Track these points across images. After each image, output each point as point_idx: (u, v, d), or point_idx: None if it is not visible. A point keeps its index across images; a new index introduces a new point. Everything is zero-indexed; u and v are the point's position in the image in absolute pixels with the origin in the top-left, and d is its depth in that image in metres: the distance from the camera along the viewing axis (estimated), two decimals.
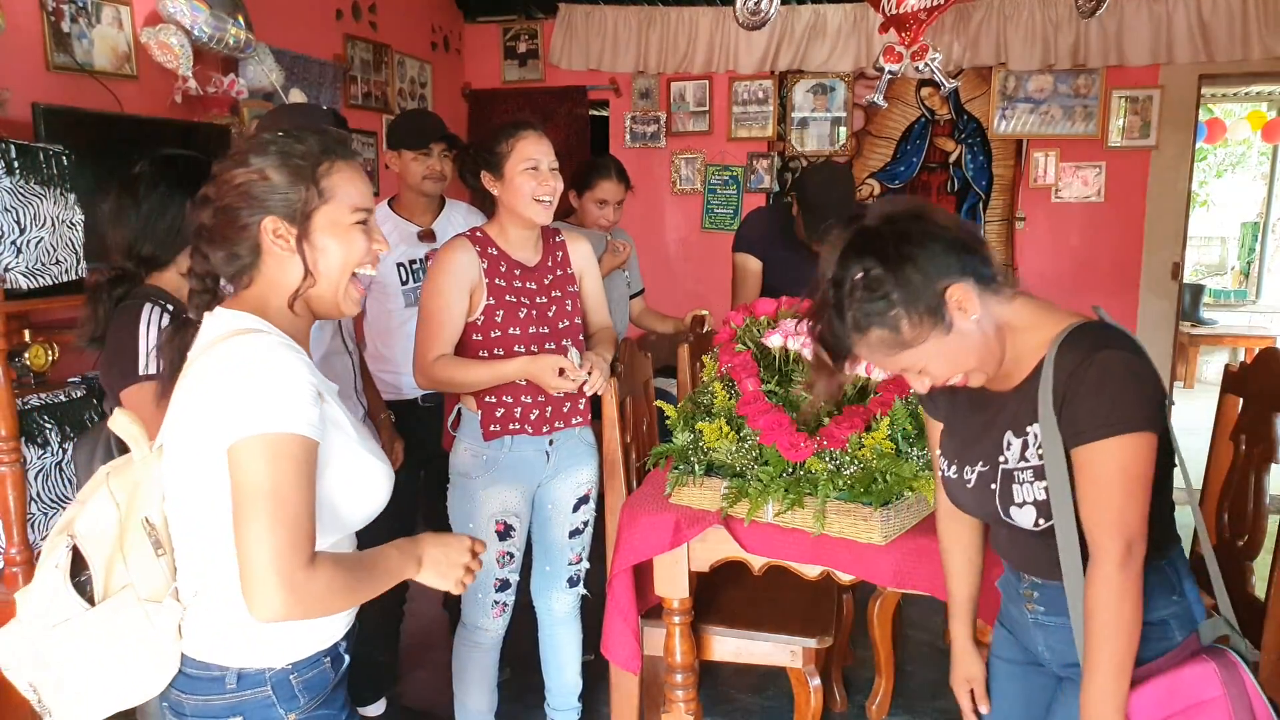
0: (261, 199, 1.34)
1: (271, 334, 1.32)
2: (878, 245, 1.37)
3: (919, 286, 1.35)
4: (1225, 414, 2.49)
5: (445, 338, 2.31)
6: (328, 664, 1.41)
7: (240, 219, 1.35)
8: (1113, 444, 1.34)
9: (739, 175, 6.05)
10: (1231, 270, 10.27)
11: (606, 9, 5.87)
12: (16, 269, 2.36)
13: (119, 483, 1.38)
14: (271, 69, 3.85)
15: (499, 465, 2.39)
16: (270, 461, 1.22)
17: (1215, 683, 1.38)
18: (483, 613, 2.47)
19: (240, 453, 1.23)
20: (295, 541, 1.22)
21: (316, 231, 1.37)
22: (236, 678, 1.33)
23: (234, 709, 1.34)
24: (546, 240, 2.48)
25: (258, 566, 1.20)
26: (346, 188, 1.39)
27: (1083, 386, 1.36)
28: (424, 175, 2.95)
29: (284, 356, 1.28)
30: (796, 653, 2.42)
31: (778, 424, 2.04)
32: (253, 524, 1.21)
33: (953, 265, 1.37)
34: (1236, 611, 2.35)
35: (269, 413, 1.23)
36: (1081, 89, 5.53)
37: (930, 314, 1.36)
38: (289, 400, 1.24)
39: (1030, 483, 1.45)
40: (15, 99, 2.79)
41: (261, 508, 1.21)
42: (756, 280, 3.39)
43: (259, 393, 1.24)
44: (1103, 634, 1.37)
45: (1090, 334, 1.39)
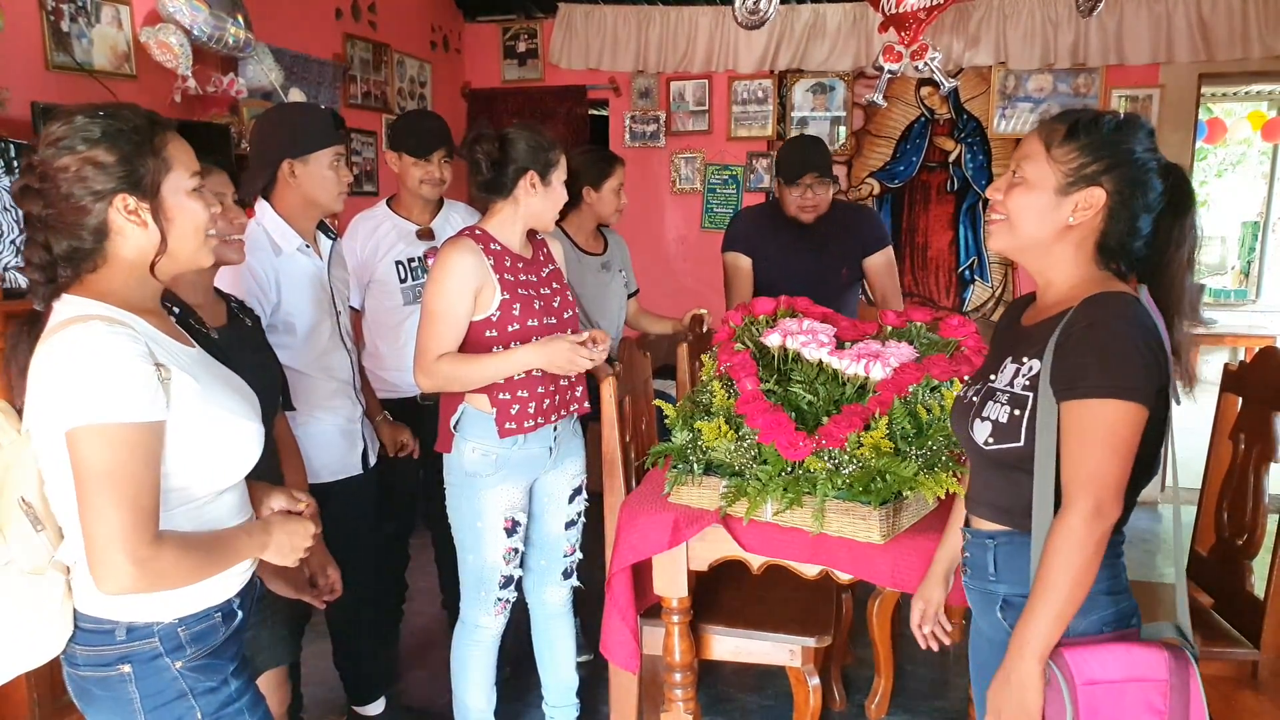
0: (103, 180, 1.35)
1: (107, 319, 1.34)
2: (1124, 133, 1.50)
3: (1100, 163, 1.47)
4: (1225, 413, 2.49)
5: (450, 338, 2.30)
6: (218, 619, 1.48)
7: (83, 204, 1.35)
8: (1107, 405, 1.38)
9: (739, 175, 6.05)
10: (1231, 270, 10.26)
11: (606, 8, 5.87)
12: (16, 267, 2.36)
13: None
14: (271, 68, 3.85)
15: (509, 464, 2.38)
16: (103, 448, 1.28)
17: (1163, 667, 1.40)
18: (484, 610, 2.47)
19: (75, 440, 1.28)
20: (137, 520, 1.29)
21: (166, 200, 1.40)
22: (126, 630, 1.40)
23: (123, 658, 1.41)
24: (530, 237, 2.49)
25: (101, 545, 1.28)
26: (182, 155, 1.43)
27: (1087, 343, 1.41)
28: (422, 179, 2.95)
29: (112, 344, 1.30)
30: (795, 652, 2.42)
31: (776, 423, 2.03)
32: (93, 505, 1.28)
33: (1135, 195, 1.48)
34: (1236, 610, 2.36)
35: (98, 402, 1.28)
36: (1081, 88, 5.52)
37: (1072, 175, 1.48)
38: (117, 389, 1.28)
39: (1002, 405, 1.52)
40: (15, 98, 2.79)
41: (99, 490, 1.28)
42: (748, 278, 3.39)
43: (87, 383, 1.28)
44: (1049, 579, 1.40)
45: (1116, 301, 1.44)
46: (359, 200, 4.21)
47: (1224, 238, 10.48)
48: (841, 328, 2.43)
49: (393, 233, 2.97)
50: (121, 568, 1.28)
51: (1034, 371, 1.49)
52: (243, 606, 1.55)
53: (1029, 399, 1.48)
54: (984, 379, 1.60)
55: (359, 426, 2.61)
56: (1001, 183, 1.58)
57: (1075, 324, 1.43)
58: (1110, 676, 1.40)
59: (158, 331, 1.42)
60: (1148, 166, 1.48)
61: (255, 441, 1.51)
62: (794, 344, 2.27)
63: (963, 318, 2.45)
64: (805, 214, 3.26)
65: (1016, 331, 1.62)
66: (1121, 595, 1.52)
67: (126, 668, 1.41)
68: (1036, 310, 1.60)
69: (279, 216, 2.43)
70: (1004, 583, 1.56)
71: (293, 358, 2.42)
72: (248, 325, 2.09)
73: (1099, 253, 1.52)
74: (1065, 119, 1.51)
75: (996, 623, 1.58)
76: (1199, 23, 5.18)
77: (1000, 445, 1.51)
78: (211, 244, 1.51)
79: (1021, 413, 1.48)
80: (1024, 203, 1.52)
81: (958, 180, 5.80)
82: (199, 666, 1.46)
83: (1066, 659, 1.41)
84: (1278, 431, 2.28)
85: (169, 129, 1.43)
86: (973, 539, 1.63)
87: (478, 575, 2.45)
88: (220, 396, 1.46)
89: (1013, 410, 1.50)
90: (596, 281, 3.27)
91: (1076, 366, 1.41)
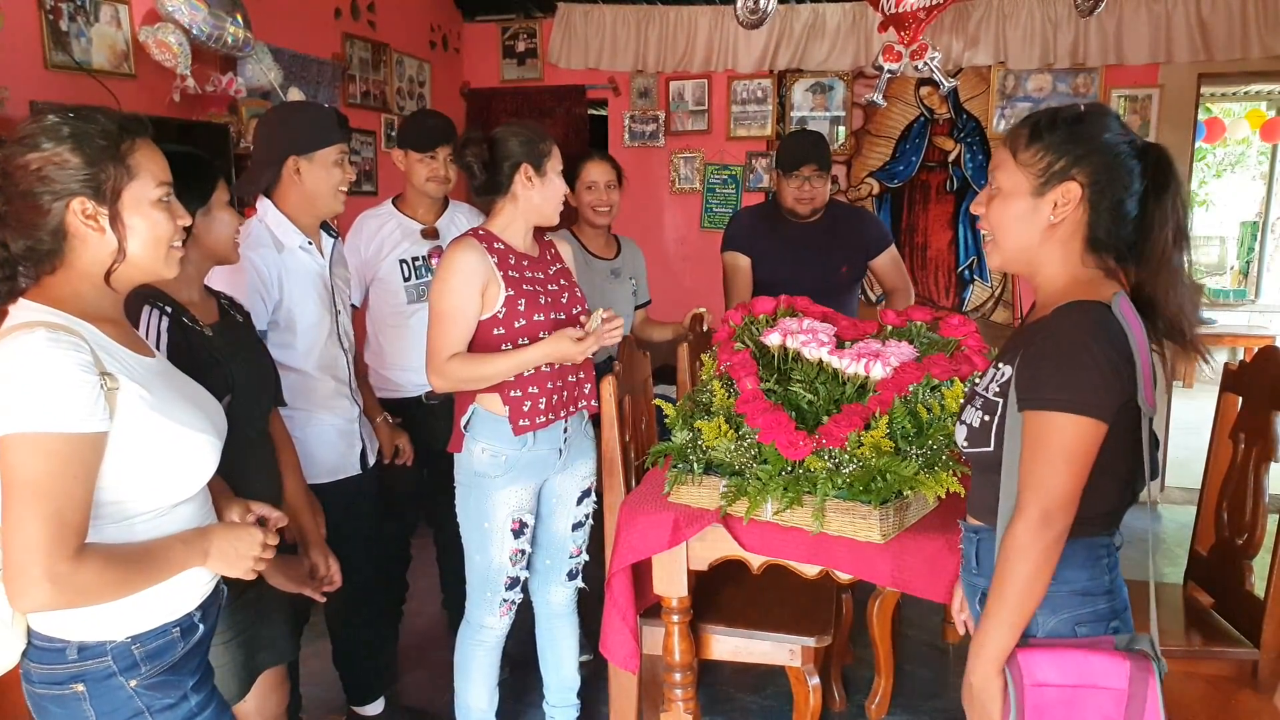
0: (63, 181, 1.33)
1: (52, 325, 1.31)
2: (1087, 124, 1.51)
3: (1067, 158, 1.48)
4: (1224, 413, 2.49)
5: (459, 338, 2.30)
6: (176, 634, 1.46)
7: (41, 203, 1.34)
8: (1059, 419, 1.40)
9: (738, 174, 6.04)
10: (1230, 270, 10.26)
11: (605, 8, 5.87)
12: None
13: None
14: (270, 68, 3.85)
15: (518, 465, 2.38)
16: (32, 457, 1.25)
17: (1122, 677, 1.41)
18: (490, 611, 2.47)
19: (4, 449, 1.25)
20: (57, 534, 1.24)
21: (126, 209, 1.38)
22: (77, 650, 1.37)
23: (76, 677, 1.38)
24: (537, 237, 2.49)
25: (16, 559, 1.24)
26: (150, 165, 1.41)
27: (1047, 354, 1.43)
28: (428, 177, 2.97)
29: (52, 352, 1.27)
30: (795, 652, 2.42)
31: (776, 423, 2.03)
32: (13, 516, 1.25)
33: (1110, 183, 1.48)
34: (1236, 610, 2.36)
35: (31, 411, 1.25)
36: (1080, 88, 5.52)
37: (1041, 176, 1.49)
38: (52, 398, 1.25)
39: (977, 409, 1.55)
40: (13, 97, 2.79)
41: (22, 500, 1.24)
42: (747, 277, 3.39)
43: (22, 391, 1.25)
44: (999, 586, 1.44)
45: (1082, 312, 1.44)
46: (358, 200, 4.21)
47: (1223, 238, 10.49)
48: (841, 327, 2.43)
49: (397, 231, 2.98)
50: (36, 583, 1.23)
51: (1005, 377, 1.51)
52: (204, 619, 1.52)
53: (999, 405, 1.50)
54: (974, 380, 1.64)
55: (357, 426, 2.60)
56: (982, 197, 1.59)
57: (1040, 333, 1.46)
58: (1062, 681, 1.41)
59: (111, 341, 1.39)
60: (1118, 150, 1.48)
61: (208, 456, 1.48)
62: (794, 343, 2.27)
63: (963, 317, 2.45)
64: (801, 205, 3.26)
65: (1014, 334, 1.64)
66: (1100, 597, 1.52)
67: (80, 687, 1.38)
68: (1033, 313, 1.61)
69: (281, 214, 2.43)
70: (984, 576, 1.59)
71: (292, 356, 2.42)
72: (239, 322, 2.09)
73: (1090, 247, 1.52)
74: (1026, 123, 1.53)
75: (977, 614, 1.60)
76: (1198, 23, 5.18)
77: (973, 449, 1.55)
78: (176, 256, 1.48)
79: (992, 418, 1.51)
80: (1002, 213, 1.54)
81: (957, 180, 5.80)
82: (156, 684, 1.43)
83: (1018, 659, 1.43)
84: (1277, 431, 2.28)
85: (140, 136, 1.41)
86: (964, 533, 1.67)
87: (484, 576, 2.44)
88: (175, 409, 1.43)
89: (984, 415, 1.53)
90: (606, 287, 3.27)
91: (1036, 377, 1.43)
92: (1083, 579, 1.50)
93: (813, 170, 3.23)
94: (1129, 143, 1.50)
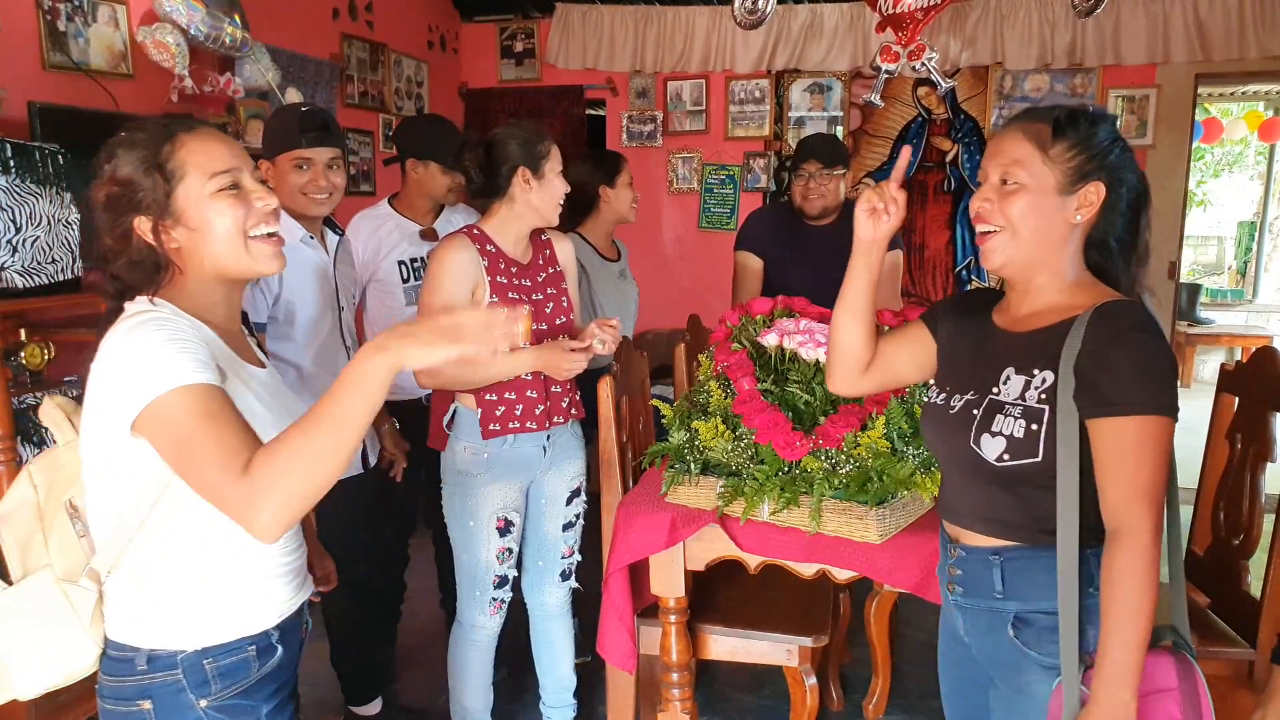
0: (125, 201, 1.33)
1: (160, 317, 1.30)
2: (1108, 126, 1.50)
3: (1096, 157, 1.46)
4: (1221, 413, 2.49)
5: None
6: (252, 652, 1.39)
7: (120, 227, 1.33)
8: (1158, 423, 1.37)
9: (736, 175, 6.05)
10: (1228, 270, 10.28)
11: (603, 8, 5.87)
12: (12, 268, 2.36)
13: (40, 466, 1.41)
14: (268, 68, 3.85)
15: (500, 463, 2.39)
16: (167, 420, 1.21)
17: (1172, 675, 1.39)
18: (480, 610, 2.47)
19: (142, 427, 1.23)
20: (223, 465, 1.18)
21: (185, 214, 1.34)
22: (147, 659, 1.32)
23: (143, 691, 1.32)
24: (534, 239, 2.48)
25: (220, 502, 1.19)
26: (197, 159, 1.34)
27: (1119, 359, 1.38)
28: (449, 188, 2.98)
29: (158, 329, 1.26)
30: (793, 652, 2.42)
31: (773, 423, 2.03)
32: (188, 477, 1.22)
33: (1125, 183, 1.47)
34: (1232, 610, 2.36)
35: (158, 377, 1.22)
36: (1078, 88, 5.53)
37: (1072, 174, 1.46)
38: (158, 365, 1.23)
39: (1016, 419, 1.46)
40: (11, 98, 2.79)
41: (184, 459, 1.21)
42: (758, 279, 3.39)
43: (141, 364, 1.23)
44: (1130, 604, 1.34)
45: (1135, 311, 1.42)
46: (357, 200, 4.21)
47: (1220, 238, 10.50)
48: None
49: (395, 232, 2.98)
50: (246, 514, 1.17)
51: (1048, 384, 1.44)
52: (284, 643, 1.44)
53: (1045, 413, 1.43)
54: (980, 390, 1.52)
55: None
56: (990, 192, 1.51)
57: (1097, 338, 1.40)
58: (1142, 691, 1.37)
59: (222, 344, 1.37)
60: (1128, 156, 1.48)
61: None
62: (791, 344, 2.27)
63: None
64: (808, 204, 3.25)
65: (1004, 338, 1.56)
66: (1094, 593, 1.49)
67: (147, 704, 1.32)
68: (1019, 314, 1.55)
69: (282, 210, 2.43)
70: (1014, 599, 1.49)
71: (292, 351, 2.42)
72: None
73: (1084, 249, 1.51)
74: (1043, 117, 1.48)
75: (1005, 642, 1.51)
76: (1196, 23, 5.19)
77: (1016, 461, 1.45)
78: (263, 246, 1.39)
79: (1039, 427, 1.43)
80: (1025, 209, 1.47)
81: (954, 180, 5.80)
82: (227, 706, 1.36)
83: None
84: (1274, 431, 2.28)
85: (178, 134, 1.35)
86: (967, 556, 1.56)
87: (472, 575, 2.45)
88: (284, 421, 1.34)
89: (1028, 424, 1.44)
90: (616, 289, 3.27)
91: (1110, 383, 1.37)
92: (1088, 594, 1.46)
93: (816, 167, 3.21)
94: (1129, 151, 1.50)
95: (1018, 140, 1.49)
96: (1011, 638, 1.50)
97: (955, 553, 1.59)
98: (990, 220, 1.51)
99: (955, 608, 1.61)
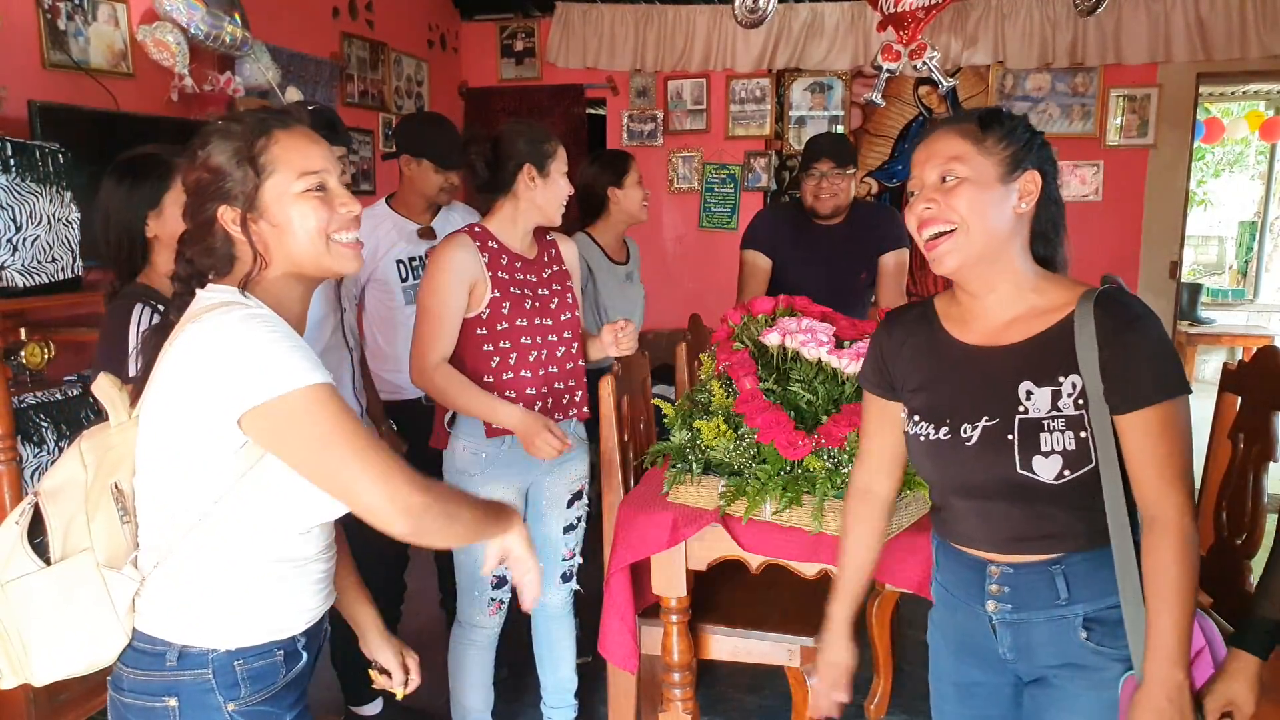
0: (212, 189, 1.33)
1: (246, 308, 1.29)
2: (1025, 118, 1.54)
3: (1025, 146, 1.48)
4: (1223, 413, 2.48)
5: (445, 335, 2.30)
6: (280, 657, 1.38)
7: (204, 214, 1.34)
8: (1180, 404, 1.39)
9: (736, 174, 6.05)
10: (1229, 269, 10.27)
11: (604, 7, 5.87)
12: (13, 267, 2.36)
13: (90, 445, 1.37)
14: (268, 67, 3.84)
15: (499, 462, 2.39)
16: (299, 417, 1.23)
17: (1200, 636, 1.44)
18: (479, 610, 2.47)
19: (256, 423, 1.23)
20: (386, 469, 1.25)
21: (269, 209, 1.34)
22: (178, 655, 1.30)
23: (171, 689, 1.31)
24: (539, 237, 2.48)
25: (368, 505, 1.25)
26: (289, 156, 1.35)
27: (1134, 350, 1.39)
28: (442, 187, 2.97)
29: (254, 325, 1.25)
30: (794, 652, 2.41)
31: (775, 422, 2.03)
32: (324, 470, 1.24)
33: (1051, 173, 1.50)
34: (1235, 609, 2.36)
35: (263, 379, 1.22)
36: (1079, 87, 5.53)
37: (1008, 163, 1.46)
38: (280, 361, 1.23)
39: (1062, 431, 1.42)
40: (11, 97, 2.79)
41: (324, 455, 1.24)
42: (764, 278, 3.37)
43: (241, 363, 1.22)
44: (1180, 587, 1.38)
45: (1126, 299, 1.43)
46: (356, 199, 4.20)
47: (1222, 238, 10.50)
48: (841, 327, 2.42)
49: (393, 231, 2.98)
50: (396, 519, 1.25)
51: (1079, 389, 1.42)
52: (308, 649, 1.44)
53: (1083, 418, 1.42)
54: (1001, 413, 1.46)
55: None
56: (931, 193, 1.48)
57: (1108, 333, 1.39)
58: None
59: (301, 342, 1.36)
60: (1047, 147, 1.51)
61: None
62: (793, 343, 2.27)
63: None
64: (819, 204, 3.25)
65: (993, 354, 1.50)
66: None
67: (173, 701, 1.30)
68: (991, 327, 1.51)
69: None
70: (1080, 602, 1.47)
71: None
72: None
73: (1032, 244, 1.52)
74: (965, 118, 1.51)
75: (1076, 645, 1.48)
76: (1197, 22, 5.19)
77: (1076, 473, 1.42)
78: (345, 249, 1.40)
79: (1086, 434, 1.42)
80: (971, 200, 1.44)
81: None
82: (253, 712, 1.34)
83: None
84: (1277, 431, 2.27)
85: (274, 129, 1.35)
86: (1016, 572, 1.50)
87: (470, 575, 2.45)
88: None
89: (1076, 434, 1.42)
90: (622, 292, 3.26)
91: (1135, 378, 1.38)
92: None
93: (828, 166, 3.20)
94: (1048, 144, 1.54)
95: (950, 138, 1.49)
96: (1084, 639, 1.48)
97: (996, 572, 1.53)
98: (938, 220, 1.47)
99: (1001, 626, 1.54)
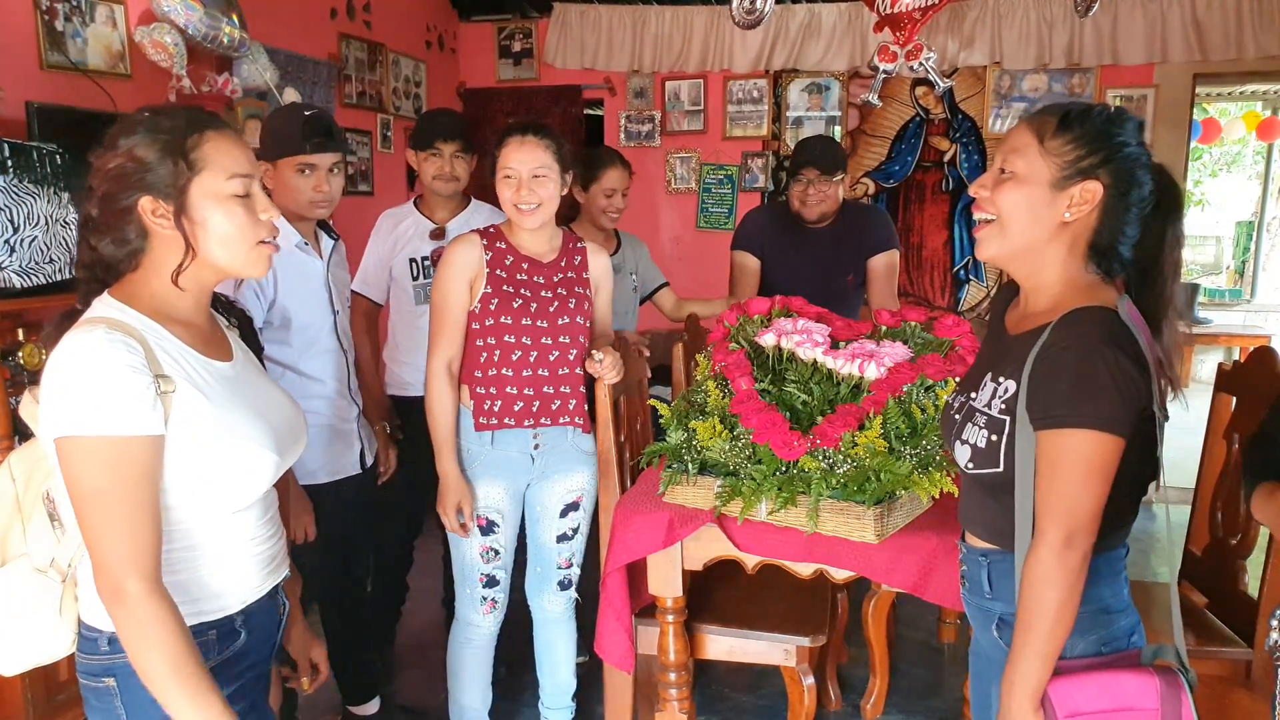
0: (135, 179, 1.33)
1: (112, 323, 1.29)
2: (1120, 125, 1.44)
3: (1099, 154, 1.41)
4: (1218, 413, 2.49)
5: (449, 332, 2.35)
6: (212, 636, 1.40)
7: (120, 203, 1.33)
8: (1079, 436, 1.33)
9: (734, 174, 6.05)
10: (1226, 269, 10.28)
11: (601, 8, 5.87)
12: (10, 268, 2.36)
13: (20, 458, 1.46)
14: (266, 68, 3.85)
15: (484, 461, 2.40)
16: (89, 464, 1.24)
17: (1153, 696, 1.36)
18: (473, 609, 2.48)
19: (63, 451, 1.25)
20: (132, 550, 1.24)
21: (195, 205, 1.35)
22: (108, 641, 1.35)
23: (107, 670, 1.36)
24: (566, 243, 2.48)
25: (106, 566, 1.24)
26: (220, 157, 1.36)
27: (1061, 370, 1.35)
28: (434, 175, 2.97)
29: (104, 352, 1.25)
30: (790, 651, 2.42)
31: (771, 423, 2.03)
32: (91, 529, 1.25)
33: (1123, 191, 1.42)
34: (1230, 609, 2.37)
35: (82, 412, 1.23)
36: (1076, 88, 5.53)
37: (1068, 169, 1.41)
38: (102, 400, 1.24)
39: (980, 428, 1.47)
40: (9, 97, 2.79)
41: (94, 512, 1.24)
42: (754, 278, 3.38)
43: (74, 391, 1.24)
44: (1027, 617, 1.36)
45: (1093, 320, 1.37)
46: (354, 200, 4.21)
47: (1219, 238, 10.50)
48: (836, 327, 2.42)
49: (411, 230, 3.02)
50: (119, 593, 1.24)
51: (1009, 394, 1.43)
52: (249, 628, 1.45)
53: (1005, 423, 1.42)
54: (968, 391, 1.54)
55: (355, 426, 2.60)
56: (987, 179, 1.50)
57: (1051, 347, 1.37)
58: (1096, 707, 1.36)
59: (178, 342, 1.36)
60: (1141, 161, 1.42)
61: (263, 470, 1.42)
62: (789, 344, 2.27)
63: (957, 317, 2.44)
64: (806, 210, 3.25)
65: (1002, 339, 1.55)
66: (1122, 612, 1.48)
67: (111, 680, 1.35)
68: (1021, 315, 1.54)
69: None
70: (999, 600, 1.51)
71: (288, 355, 2.42)
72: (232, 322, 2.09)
73: (1090, 254, 1.46)
74: (1055, 111, 1.45)
75: (993, 641, 1.54)
76: (1193, 23, 5.19)
77: (981, 470, 1.47)
78: (264, 252, 1.42)
79: (999, 438, 1.43)
80: (1015, 199, 1.44)
81: (953, 180, 5.81)
82: None
83: (1049, 692, 1.37)
84: None
85: (207, 129, 1.36)
86: (968, 554, 1.59)
87: (461, 571, 2.47)
88: (234, 417, 1.38)
89: (990, 435, 1.44)
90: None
91: (1051, 394, 1.35)
92: (1107, 596, 1.46)
93: (814, 174, 3.20)
94: (1148, 156, 1.45)
95: (1023, 130, 1.47)
96: (995, 637, 1.54)
97: (962, 550, 1.62)
98: (983, 209, 1.51)
99: (965, 603, 1.64)
